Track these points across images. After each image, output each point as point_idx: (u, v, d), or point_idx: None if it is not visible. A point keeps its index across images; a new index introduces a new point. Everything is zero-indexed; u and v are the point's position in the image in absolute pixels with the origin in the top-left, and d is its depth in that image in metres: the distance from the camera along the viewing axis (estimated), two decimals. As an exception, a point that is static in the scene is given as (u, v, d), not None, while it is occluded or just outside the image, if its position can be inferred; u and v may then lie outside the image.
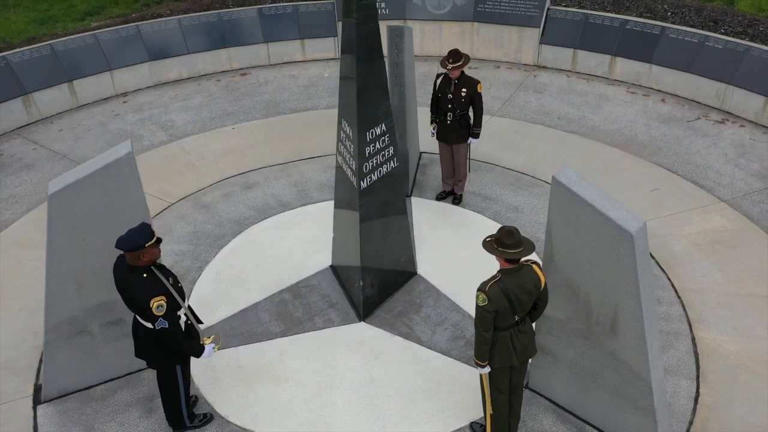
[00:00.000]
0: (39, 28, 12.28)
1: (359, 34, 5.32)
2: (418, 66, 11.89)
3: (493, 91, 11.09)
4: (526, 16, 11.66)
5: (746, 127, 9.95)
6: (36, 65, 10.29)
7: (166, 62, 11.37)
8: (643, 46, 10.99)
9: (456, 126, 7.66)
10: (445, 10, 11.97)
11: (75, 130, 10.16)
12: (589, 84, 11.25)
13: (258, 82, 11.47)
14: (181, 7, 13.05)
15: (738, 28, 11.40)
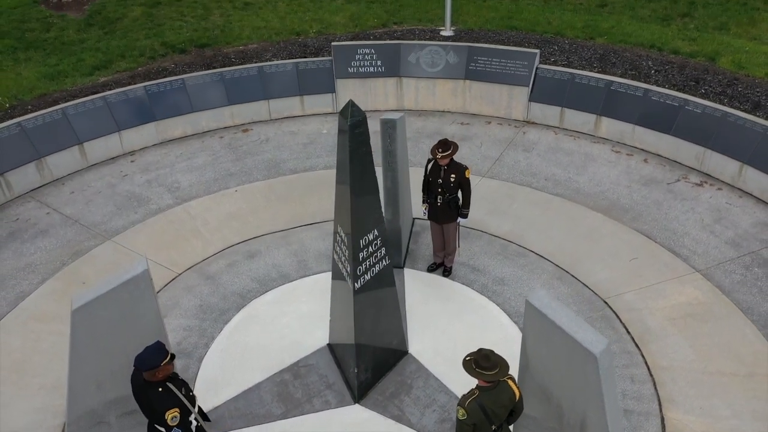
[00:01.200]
0: (49, 84, 12.81)
1: (352, 157, 5.84)
2: (414, 122, 12.47)
3: (483, 149, 11.63)
4: (515, 75, 12.18)
5: (723, 190, 10.48)
6: (49, 130, 10.82)
7: (171, 121, 11.91)
8: (627, 107, 11.52)
9: (446, 208, 8.19)
10: (439, 68, 12.49)
11: (85, 192, 10.69)
12: (576, 142, 11.78)
13: (259, 139, 12.01)
14: (185, 60, 13.58)
15: (718, 88, 11.93)
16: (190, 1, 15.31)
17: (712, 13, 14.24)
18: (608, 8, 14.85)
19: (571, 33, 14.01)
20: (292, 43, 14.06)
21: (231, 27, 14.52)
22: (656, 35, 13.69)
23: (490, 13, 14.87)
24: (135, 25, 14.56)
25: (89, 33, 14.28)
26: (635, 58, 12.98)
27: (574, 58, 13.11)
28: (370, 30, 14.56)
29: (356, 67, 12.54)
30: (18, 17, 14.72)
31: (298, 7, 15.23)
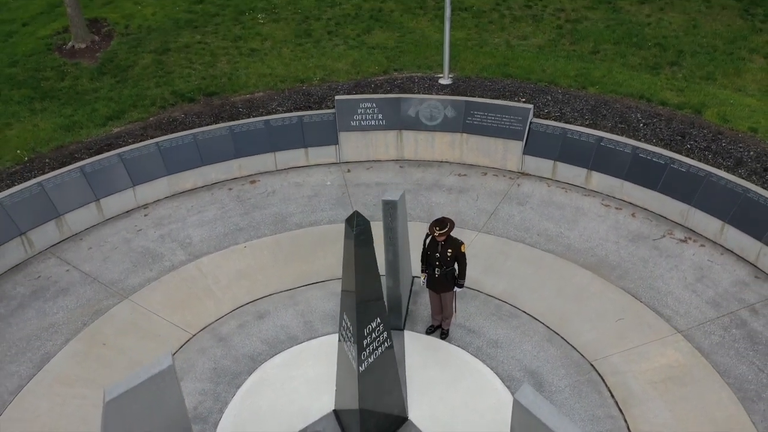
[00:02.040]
0: (65, 135, 13.40)
1: (357, 259, 6.44)
2: (413, 172, 13.08)
3: (480, 202, 12.23)
4: (510, 130, 12.79)
5: (706, 246, 11.09)
6: (68, 188, 11.43)
7: (182, 174, 12.51)
8: (616, 163, 12.13)
9: (443, 279, 8.80)
10: (437, 122, 13.10)
11: (102, 248, 11.30)
12: (567, 195, 12.38)
13: (266, 192, 12.61)
14: (194, 109, 14.18)
15: (703, 142, 12.53)
16: (198, 48, 15.90)
17: (699, 63, 14.83)
18: (600, 55, 15.44)
19: (565, 82, 14.59)
20: (297, 91, 14.65)
21: (238, 75, 15.11)
22: (645, 85, 14.27)
23: (487, 60, 15.45)
24: (146, 73, 15.15)
25: (102, 81, 14.88)
26: (625, 110, 13.57)
27: (567, 109, 13.70)
28: (371, 77, 15.15)
29: (358, 120, 13.15)
30: (33, 65, 15.31)
31: (302, 53, 15.82)
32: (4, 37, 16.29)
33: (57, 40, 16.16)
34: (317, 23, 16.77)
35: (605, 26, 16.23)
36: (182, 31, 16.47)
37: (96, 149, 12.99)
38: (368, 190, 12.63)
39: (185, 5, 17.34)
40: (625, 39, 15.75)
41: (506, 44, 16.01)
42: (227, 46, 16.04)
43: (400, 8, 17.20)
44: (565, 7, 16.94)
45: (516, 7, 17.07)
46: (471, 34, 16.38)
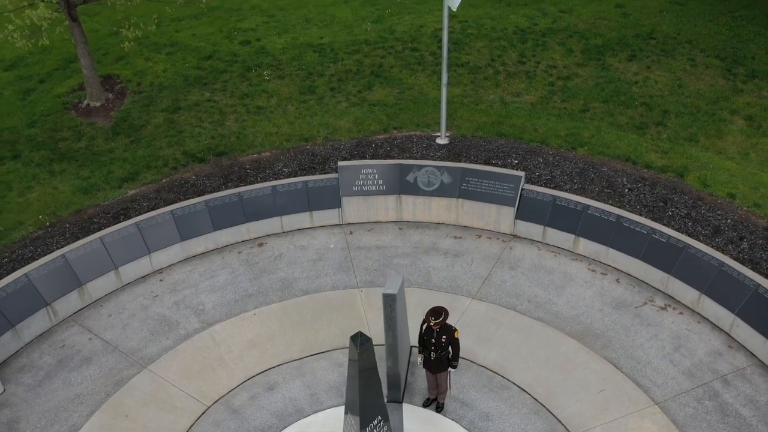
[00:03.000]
0: (83, 199, 14.22)
1: (361, 373, 7.26)
2: (412, 234, 13.89)
3: (474, 266, 13.05)
4: (502, 196, 13.60)
5: (684, 315, 11.90)
6: (89, 258, 12.24)
7: (195, 240, 13.33)
8: (601, 231, 12.94)
9: (438, 362, 9.61)
10: (434, 188, 13.91)
11: (121, 315, 12.12)
12: (557, 259, 13.19)
13: (273, 255, 13.42)
14: (204, 170, 14.99)
15: (683, 209, 13.34)
16: (208, 106, 16.72)
17: (683, 123, 15.64)
18: (590, 113, 16.25)
19: (555, 142, 15.41)
20: (302, 151, 15.47)
21: (245, 134, 15.93)
22: (632, 147, 15.08)
23: (482, 118, 16.26)
24: (158, 132, 15.97)
25: (116, 142, 15.69)
26: (612, 173, 14.38)
27: (557, 172, 14.52)
28: (372, 135, 15.96)
29: (360, 186, 13.96)
30: (51, 125, 16.12)
31: (306, 110, 16.64)
32: (23, 95, 17.11)
33: (73, 98, 16.98)
34: (320, 79, 17.59)
35: (595, 84, 17.04)
36: (192, 88, 17.29)
37: (113, 213, 13.82)
38: (369, 254, 13.44)
39: (194, 61, 18.16)
40: (614, 97, 16.56)
41: (501, 101, 16.82)
42: (235, 103, 16.86)
43: (400, 64, 18.01)
44: (556, 63, 17.75)
45: (510, 63, 17.89)
46: (467, 91, 17.19)
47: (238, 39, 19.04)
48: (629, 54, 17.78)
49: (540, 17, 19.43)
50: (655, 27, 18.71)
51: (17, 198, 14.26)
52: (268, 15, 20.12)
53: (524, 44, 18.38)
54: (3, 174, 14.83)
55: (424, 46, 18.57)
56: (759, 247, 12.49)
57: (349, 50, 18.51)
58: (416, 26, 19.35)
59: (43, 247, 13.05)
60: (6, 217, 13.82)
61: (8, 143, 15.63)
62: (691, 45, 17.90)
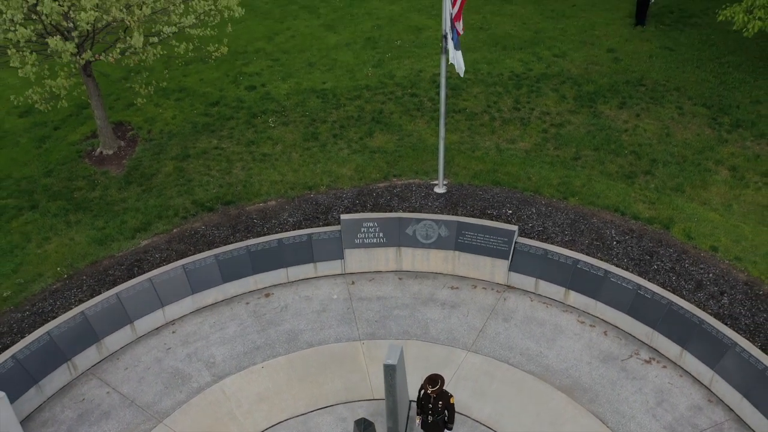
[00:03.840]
0: (99, 250, 14.96)
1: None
2: (411, 284, 14.64)
3: (470, 318, 13.79)
4: (497, 249, 14.34)
5: (667, 368, 12.64)
6: (106, 314, 12.98)
7: (205, 292, 14.07)
8: (590, 285, 13.68)
9: (435, 425, 10.37)
10: (432, 240, 14.65)
11: (137, 368, 12.86)
12: (548, 310, 13.94)
13: (279, 306, 14.16)
14: (213, 220, 15.73)
15: (668, 263, 14.07)
16: (215, 154, 17.45)
17: (670, 173, 16.36)
18: (581, 161, 16.97)
19: (548, 191, 16.14)
20: (306, 200, 16.20)
21: (251, 182, 16.66)
22: (621, 196, 15.81)
23: (478, 165, 16.99)
24: (168, 181, 16.70)
25: (129, 191, 16.43)
26: (601, 225, 15.11)
27: (549, 223, 15.25)
28: (372, 183, 16.69)
29: (362, 239, 14.71)
30: (66, 174, 16.86)
31: (310, 158, 17.37)
32: (38, 143, 17.85)
33: (86, 146, 17.72)
34: (323, 126, 18.33)
35: (587, 131, 17.77)
36: (200, 135, 18.03)
37: (127, 265, 14.57)
38: (370, 305, 14.18)
39: (202, 108, 18.90)
40: (604, 145, 17.29)
41: (496, 148, 17.55)
42: (241, 151, 17.60)
43: (399, 110, 18.74)
44: (550, 110, 18.49)
45: (505, 109, 18.63)
46: (464, 137, 17.93)
47: (243, 84, 19.78)
48: (620, 101, 18.51)
49: (534, 62, 20.17)
50: (645, 73, 19.44)
51: (36, 249, 14.99)
52: (273, 59, 20.85)
53: (519, 90, 19.12)
54: (22, 225, 15.56)
55: (423, 92, 19.30)
56: (738, 302, 13.22)
57: (350, 96, 19.25)
58: (415, 71, 20.09)
59: (62, 300, 13.78)
60: (26, 269, 14.56)
61: (26, 193, 16.37)
62: (679, 92, 18.63)
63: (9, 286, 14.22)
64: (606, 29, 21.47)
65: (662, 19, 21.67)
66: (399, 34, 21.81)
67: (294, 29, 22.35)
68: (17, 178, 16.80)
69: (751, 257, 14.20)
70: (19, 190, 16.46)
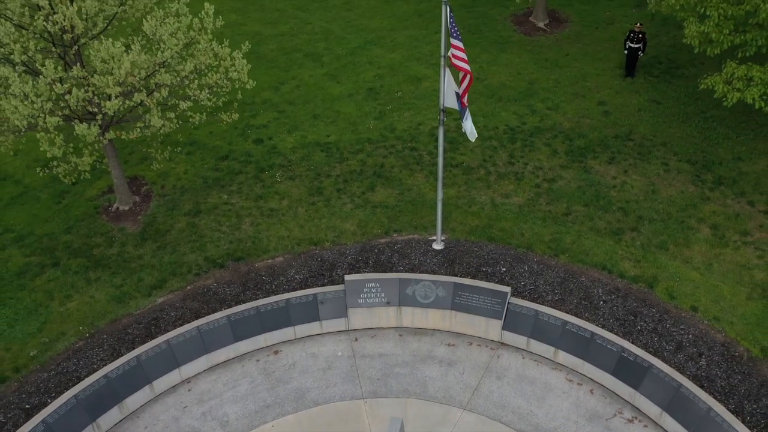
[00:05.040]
0: (117, 308, 15.96)
1: None
2: (411, 341, 15.64)
3: (465, 376, 14.79)
4: (491, 310, 15.33)
5: (649, 427, 13.63)
6: (127, 377, 13.98)
7: (218, 351, 15.07)
8: (578, 345, 14.67)
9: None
10: (430, 300, 15.65)
11: (156, 427, 13.86)
12: (538, 368, 14.93)
13: (287, 364, 15.16)
14: (224, 277, 16.73)
15: (651, 324, 15.07)
16: (225, 209, 18.44)
17: (655, 230, 17.33)
18: (572, 217, 17.94)
19: (540, 248, 17.13)
20: (311, 256, 17.19)
21: (260, 238, 17.66)
22: (608, 254, 16.79)
23: (474, 221, 17.97)
24: (181, 237, 17.69)
25: (145, 248, 17.42)
26: (589, 284, 16.10)
27: (540, 281, 16.24)
28: (374, 239, 17.69)
29: (364, 298, 15.70)
30: (85, 231, 17.85)
31: (315, 213, 18.35)
32: (57, 199, 18.85)
33: (103, 201, 18.70)
34: (327, 180, 19.32)
35: (577, 186, 18.75)
36: (211, 190, 19.02)
37: (145, 323, 15.58)
38: (372, 362, 15.18)
39: (212, 162, 19.90)
40: (594, 201, 18.27)
41: (491, 203, 18.53)
42: (250, 206, 18.59)
43: (400, 164, 19.73)
44: (543, 165, 19.47)
45: (500, 163, 19.61)
46: (461, 192, 18.91)
47: (251, 137, 20.77)
48: (609, 156, 19.49)
49: (528, 115, 21.15)
50: (633, 127, 20.42)
51: (59, 307, 16.00)
52: (279, 110, 21.84)
53: (514, 144, 20.11)
54: (45, 282, 16.57)
55: (422, 145, 20.29)
56: (715, 363, 14.22)
57: (353, 149, 20.24)
58: (415, 124, 21.08)
59: (85, 360, 14.79)
60: (50, 327, 15.57)
61: (48, 250, 17.37)
62: (665, 147, 19.61)
63: (35, 345, 15.23)
64: (597, 80, 22.44)
65: (651, 70, 22.64)
66: (399, 84, 22.79)
67: (299, 79, 23.33)
68: (39, 235, 17.79)
69: (729, 317, 15.19)
70: (41, 247, 17.46)
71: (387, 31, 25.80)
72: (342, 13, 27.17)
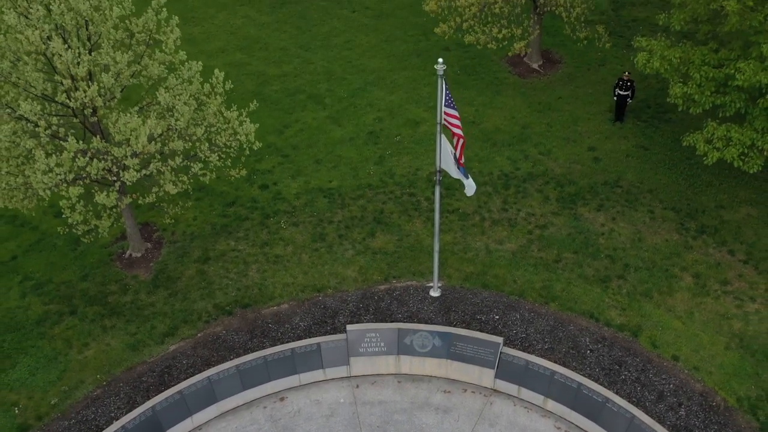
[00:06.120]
0: (132, 356, 16.94)
1: None
2: (409, 388, 16.60)
3: (460, 423, 15.76)
4: (484, 360, 16.31)
5: (630, 475, 14.60)
6: (142, 426, 14.94)
7: (227, 399, 16.04)
8: (565, 395, 15.64)
9: None
10: (427, 350, 16.62)
11: (171, 474, 14.82)
12: (528, 415, 15.89)
13: (293, 410, 16.13)
14: (233, 324, 17.71)
15: (634, 373, 16.04)
16: (233, 256, 19.41)
17: (641, 278, 18.30)
18: (562, 264, 18.91)
19: (531, 295, 18.10)
20: (315, 303, 18.17)
21: (266, 285, 18.63)
22: (596, 302, 17.76)
23: (469, 268, 18.94)
24: (192, 284, 18.67)
25: (157, 295, 18.39)
26: (577, 332, 17.07)
27: (531, 329, 17.22)
28: (374, 285, 18.66)
29: (365, 347, 16.68)
30: (100, 279, 18.82)
31: (318, 259, 19.33)
32: (73, 245, 19.82)
33: (117, 248, 19.68)
34: (330, 227, 20.29)
35: (567, 234, 19.72)
36: (219, 237, 20.00)
37: (158, 372, 16.56)
38: (373, 410, 16.15)
39: (220, 208, 20.87)
40: (583, 249, 19.25)
41: (486, 249, 19.50)
42: (256, 253, 19.56)
43: (398, 210, 20.70)
44: (535, 211, 20.44)
45: (495, 210, 20.58)
46: (457, 238, 19.88)
47: (257, 183, 21.74)
48: (598, 203, 20.47)
49: (522, 160, 22.13)
50: (621, 174, 21.39)
51: (77, 355, 16.98)
52: (283, 155, 22.81)
53: (507, 190, 21.08)
54: (64, 330, 17.55)
55: (420, 191, 21.26)
56: (693, 414, 15.20)
57: (354, 195, 21.21)
58: (413, 169, 22.06)
59: (103, 408, 15.77)
60: (69, 375, 16.55)
61: (66, 298, 18.35)
62: (651, 195, 20.59)
63: (55, 393, 16.21)
64: (588, 125, 23.40)
65: (640, 114, 23.61)
66: (398, 127, 23.77)
67: (302, 122, 24.30)
68: (57, 283, 18.77)
69: (708, 367, 16.18)
70: (59, 295, 18.43)
71: (386, 71, 26.77)
72: (343, 53, 28.14)
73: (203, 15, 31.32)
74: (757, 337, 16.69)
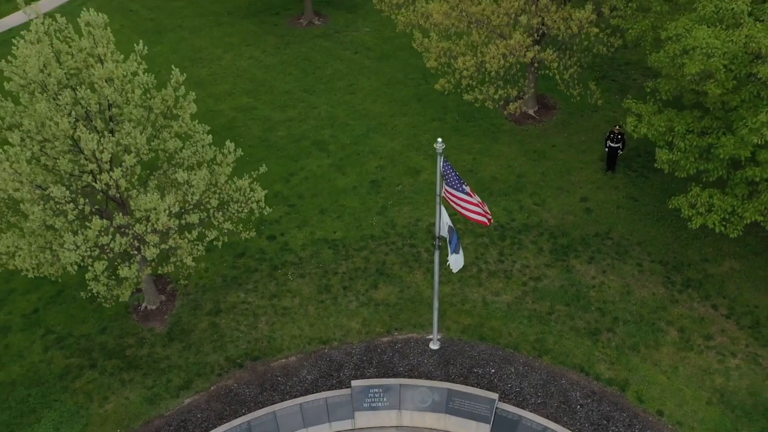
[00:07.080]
0: (149, 409, 18.03)
1: None
2: None
3: (458, 476, 16.85)
4: (480, 415, 17.41)
5: None
6: (162, 482, 16.06)
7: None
8: (556, 450, 16.75)
9: None
10: (427, 404, 17.73)
11: None
12: (522, 468, 16.99)
13: (301, 463, 17.22)
14: (243, 377, 18.79)
15: (621, 429, 17.13)
16: (243, 308, 20.50)
17: (629, 332, 19.39)
18: (554, 316, 19.98)
19: (525, 348, 19.18)
20: (321, 356, 19.26)
21: (275, 337, 19.71)
22: (586, 355, 18.85)
23: (467, 320, 20.03)
24: (204, 337, 19.76)
25: (171, 348, 19.48)
26: (568, 387, 18.15)
27: (525, 383, 18.31)
28: (378, 337, 19.75)
29: (369, 402, 17.77)
30: (118, 332, 19.90)
31: (324, 311, 20.41)
32: (92, 298, 20.89)
33: (133, 300, 20.76)
34: (335, 278, 21.37)
35: (560, 286, 20.80)
36: (229, 289, 21.08)
37: (175, 426, 17.65)
38: (376, 463, 17.26)
39: (230, 260, 21.96)
40: (575, 301, 20.33)
41: (482, 301, 20.59)
42: (265, 305, 20.64)
43: (399, 261, 21.78)
44: (529, 263, 21.52)
45: (491, 261, 21.66)
46: (455, 289, 20.96)
47: (265, 233, 22.83)
48: (589, 255, 21.55)
49: (517, 211, 23.20)
50: (612, 225, 22.47)
51: (98, 409, 18.07)
52: (289, 204, 23.88)
53: (503, 242, 22.16)
54: (84, 384, 18.64)
55: (420, 242, 22.35)
56: (676, 471, 16.31)
57: (358, 246, 22.29)
58: (414, 219, 23.13)
59: (124, 463, 16.87)
60: (91, 429, 17.65)
61: (86, 351, 19.44)
62: (640, 247, 21.67)
63: (79, 447, 17.31)
64: (580, 174, 24.47)
65: (630, 164, 24.68)
66: (399, 176, 24.83)
67: (307, 169, 25.37)
68: (77, 336, 19.86)
69: (690, 422, 17.27)
70: (79, 348, 19.52)
71: (388, 117, 27.84)
72: (345, 97, 29.20)
73: (210, 56, 32.37)
74: (737, 393, 17.77)
